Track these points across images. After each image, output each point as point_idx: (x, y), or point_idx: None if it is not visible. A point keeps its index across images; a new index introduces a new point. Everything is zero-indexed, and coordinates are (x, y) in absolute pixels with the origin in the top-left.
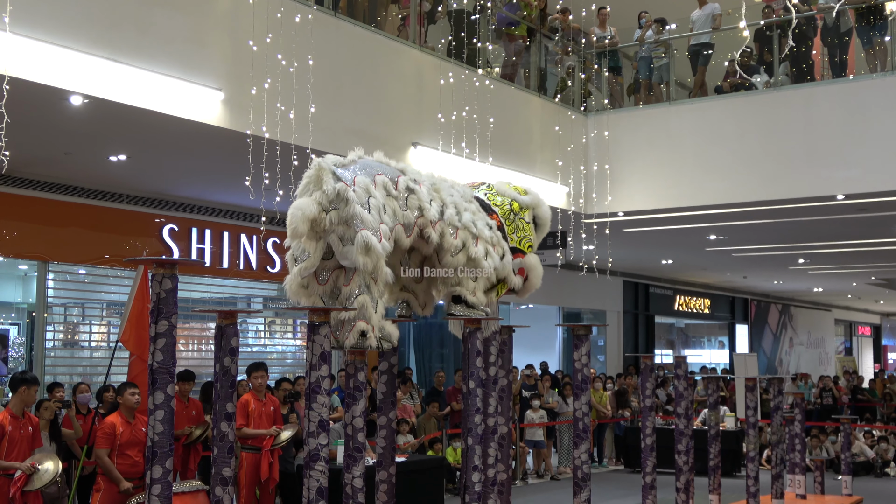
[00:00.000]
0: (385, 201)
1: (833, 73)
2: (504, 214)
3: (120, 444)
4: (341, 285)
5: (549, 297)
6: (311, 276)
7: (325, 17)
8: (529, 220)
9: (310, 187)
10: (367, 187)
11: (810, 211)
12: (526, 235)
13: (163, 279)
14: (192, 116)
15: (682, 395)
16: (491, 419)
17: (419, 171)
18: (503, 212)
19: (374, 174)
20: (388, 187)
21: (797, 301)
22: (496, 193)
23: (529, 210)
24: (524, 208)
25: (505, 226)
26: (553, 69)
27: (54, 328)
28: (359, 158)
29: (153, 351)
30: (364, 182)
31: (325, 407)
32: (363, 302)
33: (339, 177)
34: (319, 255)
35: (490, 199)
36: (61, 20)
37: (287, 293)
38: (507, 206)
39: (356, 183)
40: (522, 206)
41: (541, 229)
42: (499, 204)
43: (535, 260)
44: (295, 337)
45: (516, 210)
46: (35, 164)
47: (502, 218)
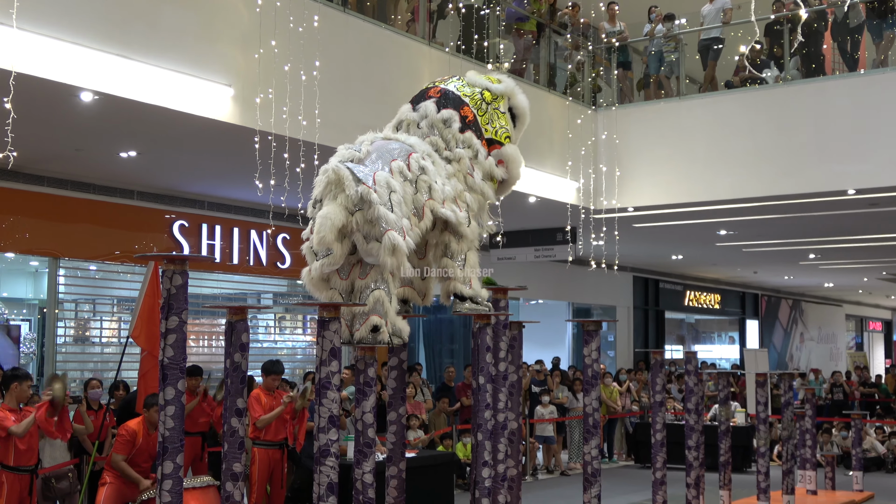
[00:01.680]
0: (403, 188)
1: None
2: (476, 104)
3: (134, 452)
4: (357, 278)
5: (558, 292)
6: (333, 270)
7: (335, 13)
8: (505, 110)
9: (331, 189)
10: (388, 182)
11: (821, 206)
12: (502, 126)
13: (173, 275)
14: (202, 113)
15: (693, 391)
16: (501, 415)
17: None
18: (474, 102)
19: (389, 161)
20: (404, 171)
21: (808, 296)
22: (466, 84)
23: (504, 100)
24: (498, 97)
25: (478, 117)
26: (563, 64)
27: (65, 324)
28: (371, 143)
29: (163, 347)
30: (384, 178)
31: (335, 402)
32: (379, 297)
33: (359, 178)
34: (345, 254)
35: (460, 91)
36: (72, 17)
37: (305, 285)
38: (477, 97)
39: (376, 181)
40: (495, 94)
41: (520, 121)
42: (469, 95)
43: (514, 150)
44: (305, 333)
45: (489, 100)
46: (46, 160)
47: (474, 108)
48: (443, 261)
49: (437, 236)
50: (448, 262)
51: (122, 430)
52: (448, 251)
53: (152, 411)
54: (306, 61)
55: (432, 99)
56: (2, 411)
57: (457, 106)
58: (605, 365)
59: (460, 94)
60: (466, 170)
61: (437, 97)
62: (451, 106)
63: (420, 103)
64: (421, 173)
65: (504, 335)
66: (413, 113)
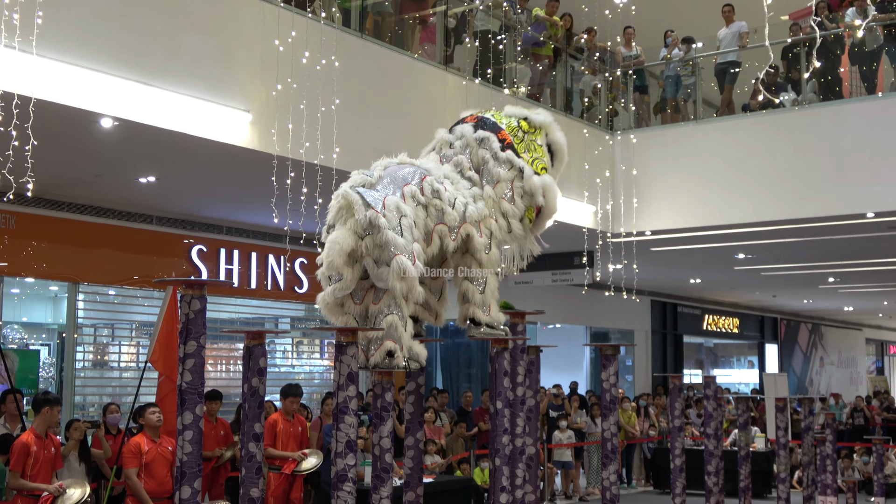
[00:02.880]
0: (415, 213)
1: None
2: (512, 132)
3: (146, 462)
4: (371, 303)
5: (576, 316)
6: (347, 295)
7: (352, 39)
8: (542, 143)
9: (342, 214)
10: (398, 206)
11: (840, 229)
12: (538, 157)
13: (192, 300)
14: (221, 138)
15: (712, 416)
16: (518, 440)
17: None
18: (511, 129)
19: (401, 185)
20: (417, 196)
21: (827, 320)
22: (504, 115)
23: (542, 133)
24: (536, 129)
25: (514, 143)
26: (579, 88)
27: (84, 349)
28: (384, 169)
29: (182, 371)
30: (393, 202)
31: (352, 427)
32: (392, 321)
33: (368, 202)
34: (356, 278)
35: (496, 118)
36: (92, 44)
37: (321, 311)
38: (514, 125)
39: (386, 206)
40: (533, 125)
41: (558, 158)
42: (505, 123)
43: (551, 181)
44: (322, 357)
45: (525, 129)
46: (66, 186)
47: (510, 134)
48: (463, 284)
49: (458, 259)
50: (468, 285)
51: (127, 444)
52: (468, 274)
53: (147, 414)
54: (324, 87)
55: (469, 123)
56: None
57: (494, 130)
58: (624, 389)
59: (496, 121)
60: (502, 193)
61: (473, 122)
62: (489, 129)
63: (456, 126)
64: (434, 197)
65: (521, 360)
66: (449, 134)
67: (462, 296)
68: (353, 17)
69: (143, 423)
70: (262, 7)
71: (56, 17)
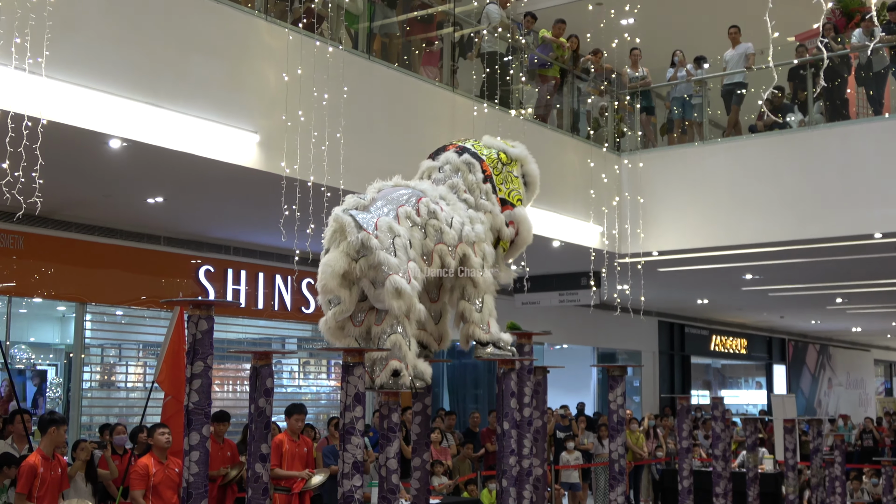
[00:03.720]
0: (410, 233)
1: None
2: (492, 163)
3: (154, 484)
4: (373, 325)
5: (583, 337)
6: (346, 318)
7: (359, 60)
8: (518, 175)
9: (336, 238)
10: (391, 227)
11: (848, 250)
12: (515, 188)
13: (199, 320)
14: (228, 159)
15: (720, 437)
16: (526, 461)
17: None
18: (491, 161)
19: (396, 207)
20: (412, 216)
21: (835, 341)
22: (483, 146)
23: (518, 165)
24: (512, 161)
25: (493, 175)
26: (586, 109)
27: (91, 369)
28: (379, 192)
29: (189, 392)
30: (386, 223)
31: (359, 448)
32: (396, 340)
33: (360, 224)
34: (355, 301)
35: (476, 148)
36: (101, 65)
37: (324, 335)
38: (494, 156)
39: (378, 227)
40: (510, 157)
41: (530, 189)
42: (486, 154)
43: (524, 213)
44: (329, 378)
45: (504, 161)
46: (74, 206)
47: (490, 166)
48: (460, 304)
49: (452, 280)
50: (465, 305)
51: (135, 465)
52: (465, 294)
53: (157, 434)
54: (331, 108)
55: (452, 150)
56: (34, 458)
57: (476, 159)
58: (631, 410)
59: (477, 151)
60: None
61: (456, 149)
62: (472, 157)
63: (439, 155)
64: (430, 218)
65: (528, 380)
66: (434, 161)
67: (460, 315)
68: (361, 39)
69: (152, 444)
70: (270, 29)
71: (65, 40)
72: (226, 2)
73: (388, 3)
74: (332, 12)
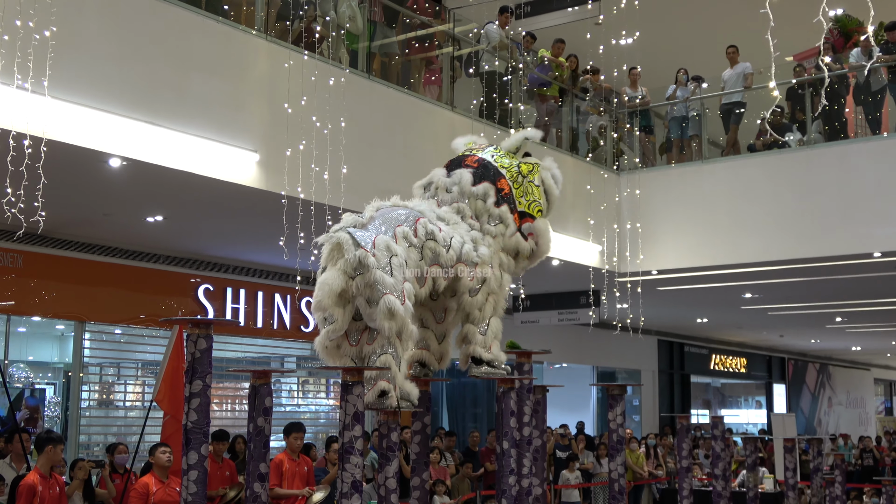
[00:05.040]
0: (407, 254)
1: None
2: (512, 177)
3: (154, 503)
4: (365, 344)
5: (582, 356)
6: (342, 337)
7: (359, 80)
8: (539, 183)
9: (333, 255)
10: (388, 246)
11: (847, 269)
12: (535, 199)
13: (198, 339)
14: (228, 178)
15: (720, 456)
16: (525, 480)
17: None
18: (511, 174)
19: (394, 226)
20: (409, 237)
21: (835, 360)
22: (503, 155)
23: (538, 171)
24: (533, 169)
25: (513, 189)
26: (585, 129)
27: (90, 388)
28: (377, 211)
29: (187, 410)
30: (384, 242)
31: (357, 468)
32: (386, 361)
33: (357, 242)
34: (348, 319)
35: (497, 162)
36: (101, 85)
37: (319, 355)
38: (514, 169)
39: (376, 245)
40: (532, 167)
41: (552, 195)
42: (506, 166)
43: (545, 224)
44: (328, 397)
45: (524, 172)
46: (73, 224)
47: (510, 181)
48: (466, 326)
49: (458, 301)
50: (470, 327)
51: (135, 485)
52: (471, 317)
53: (158, 453)
54: (332, 127)
55: (469, 168)
56: (32, 478)
57: (494, 179)
58: (631, 429)
59: (498, 166)
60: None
61: (474, 167)
62: (489, 179)
63: (456, 170)
64: (428, 239)
65: (528, 399)
66: (446, 178)
67: (463, 337)
68: (361, 59)
69: (153, 463)
70: (270, 48)
71: (65, 59)
72: (225, 21)
73: (388, 22)
74: (332, 31)
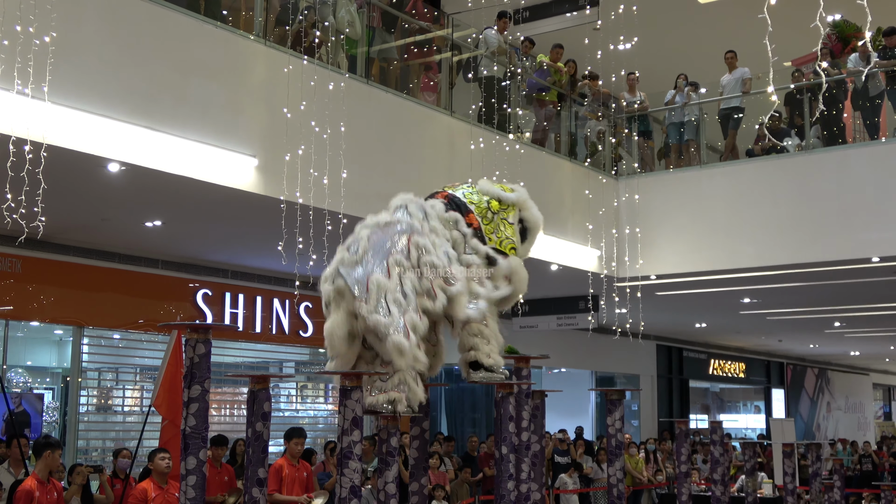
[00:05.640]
0: (404, 279)
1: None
2: (481, 213)
3: None
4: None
5: (581, 361)
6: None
7: (358, 85)
8: (514, 221)
9: (338, 299)
10: (380, 285)
11: (845, 274)
12: (507, 237)
13: (196, 344)
14: (227, 183)
15: (719, 461)
16: (524, 485)
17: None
18: (480, 210)
19: (385, 258)
20: (402, 263)
21: (834, 365)
22: (476, 192)
23: (514, 210)
24: (508, 207)
25: (482, 226)
26: (583, 134)
27: (88, 392)
28: (368, 239)
29: (186, 416)
30: (376, 281)
31: (356, 473)
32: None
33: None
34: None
35: (467, 198)
36: (100, 90)
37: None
38: (484, 205)
39: (369, 288)
40: (505, 204)
41: (531, 234)
42: (475, 202)
43: (519, 264)
44: (327, 401)
45: (496, 209)
46: (72, 230)
47: (478, 216)
48: (472, 339)
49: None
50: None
51: (133, 490)
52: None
53: (157, 459)
54: (331, 132)
55: (440, 200)
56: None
57: (463, 212)
58: (630, 434)
59: (466, 202)
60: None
61: (444, 201)
62: (458, 210)
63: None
64: (422, 254)
65: (526, 404)
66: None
67: (469, 347)
68: (360, 64)
69: (152, 468)
70: (269, 53)
71: (65, 64)
72: (224, 26)
73: (387, 28)
74: (332, 36)
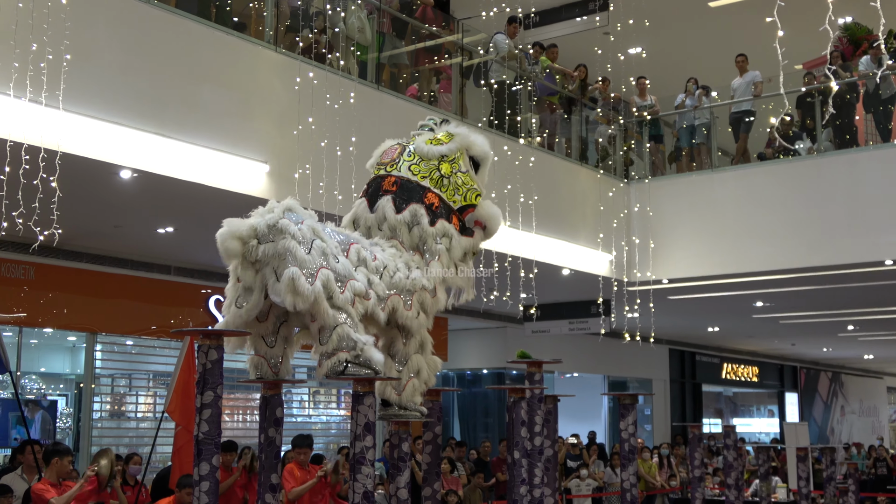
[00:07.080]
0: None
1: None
2: (436, 184)
3: None
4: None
5: (593, 365)
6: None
7: (369, 91)
8: (466, 168)
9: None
10: (314, 230)
11: (858, 277)
12: (469, 187)
13: (209, 350)
14: (238, 189)
15: (732, 466)
16: (537, 490)
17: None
18: (434, 182)
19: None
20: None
21: (847, 368)
22: (420, 161)
23: (463, 156)
24: (455, 158)
25: (442, 196)
26: (594, 138)
27: (101, 399)
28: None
29: (199, 422)
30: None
31: (369, 478)
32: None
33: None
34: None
35: (414, 172)
36: (112, 98)
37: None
38: (436, 175)
39: (303, 225)
40: (451, 157)
41: (483, 164)
42: (427, 175)
43: (489, 206)
44: (339, 407)
45: (447, 172)
46: (85, 237)
47: (436, 190)
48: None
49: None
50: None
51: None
52: (392, 349)
53: (184, 493)
54: (342, 138)
55: (388, 195)
56: (42, 484)
57: (420, 196)
58: (643, 439)
59: (417, 179)
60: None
61: (393, 191)
62: (414, 200)
63: (377, 202)
64: (360, 265)
65: (539, 409)
66: (370, 214)
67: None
68: (370, 69)
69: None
70: (280, 60)
71: (78, 72)
72: (235, 33)
73: (397, 33)
74: (342, 42)
